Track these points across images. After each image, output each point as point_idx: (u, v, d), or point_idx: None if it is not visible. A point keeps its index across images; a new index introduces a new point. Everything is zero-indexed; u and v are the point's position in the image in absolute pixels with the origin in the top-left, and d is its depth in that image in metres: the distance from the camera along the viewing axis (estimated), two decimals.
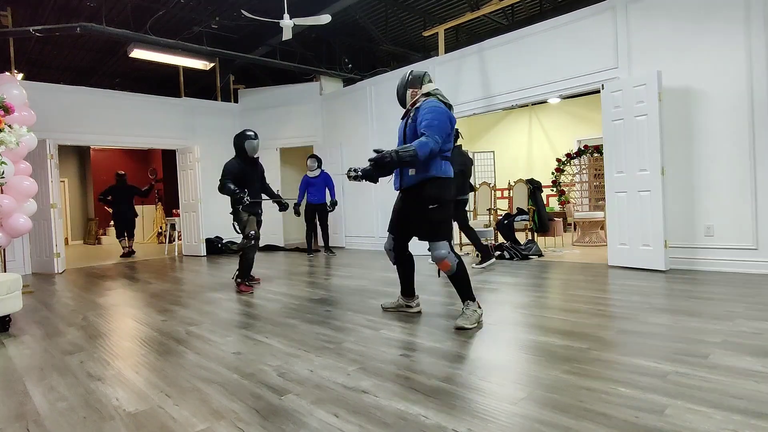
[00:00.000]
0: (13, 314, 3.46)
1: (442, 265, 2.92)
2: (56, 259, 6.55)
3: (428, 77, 3.07)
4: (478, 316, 2.92)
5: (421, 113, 2.88)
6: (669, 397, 1.78)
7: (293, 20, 5.50)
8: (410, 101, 3.05)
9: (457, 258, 2.93)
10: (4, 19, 6.57)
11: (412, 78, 3.05)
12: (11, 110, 4.21)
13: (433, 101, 2.91)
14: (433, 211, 2.90)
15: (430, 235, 2.93)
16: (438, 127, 2.80)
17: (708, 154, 4.49)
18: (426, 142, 2.74)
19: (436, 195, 2.90)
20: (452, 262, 2.90)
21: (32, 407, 1.98)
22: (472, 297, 2.97)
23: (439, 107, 2.87)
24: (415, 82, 3.04)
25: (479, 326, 2.90)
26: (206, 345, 2.76)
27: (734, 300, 3.26)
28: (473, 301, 2.97)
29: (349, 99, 8.37)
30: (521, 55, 5.89)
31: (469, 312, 2.91)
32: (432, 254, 2.94)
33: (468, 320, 2.87)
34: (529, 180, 7.06)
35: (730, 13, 4.30)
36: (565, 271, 4.92)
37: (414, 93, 3.04)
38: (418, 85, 3.03)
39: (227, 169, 4.46)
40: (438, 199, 2.90)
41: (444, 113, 2.87)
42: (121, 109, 7.83)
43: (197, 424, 1.75)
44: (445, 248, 2.91)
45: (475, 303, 2.98)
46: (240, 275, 4.50)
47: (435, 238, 2.92)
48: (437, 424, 1.66)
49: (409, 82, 3.05)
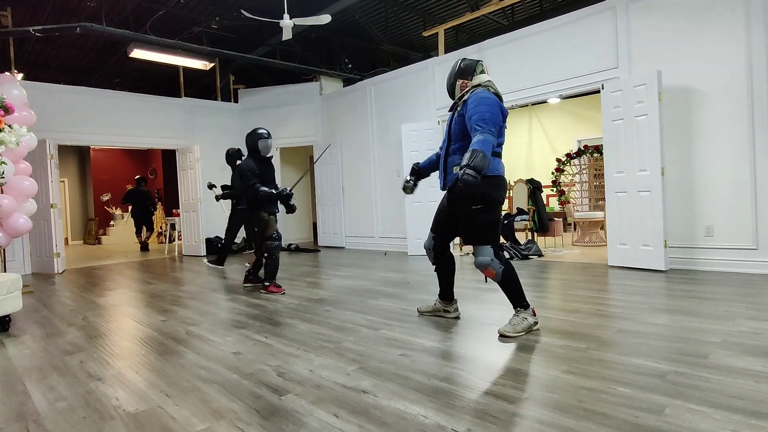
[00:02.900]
0: (13, 314, 3.46)
1: (487, 273, 2.70)
2: (56, 259, 6.55)
3: (481, 67, 2.80)
4: (527, 325, 2.66)
5: (470, 105, 2.64)
6: (668, 397, 1.78)
7: (293, 20, 5.50)
8: (459, 93, 2.81)
9: (503, 265, 2.70)
10: (4, 19, 6.56)
11: (465, 67, 2.79)
12: (11, 110, 4.21)
13: (483, 92, 2.67)
14: (478, 212, 2.66)
15: (474, 239, 2.70)
16: (491, 120, 2.57)
17: (708, 154, 4.49)
18: (484, 139, 2.50)
19: (481, 194, 2.63)
20: (497, 269, 2.67)
21: (32, 407, 1.98)
22: (523, 304, 2.71)
23: (489, 98, 2.63)
24: (466, 72, 2.78)
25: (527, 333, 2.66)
26: (206, 345, 2.76)
27: (734, 300, 3.26)
28: (526, 309, 2.71)
29: (349, 99, 8.37)
30: (521, 55, 5.89)
31: (517, 319, 2.67)
32: (475, 260, 2.73)
33: (513, 328, 2.64)
34: (529, 180, 7.06)
35: (730, 12, 4.30)
36: (564, 271, 4.92)
37: (464, 84, 2.79)
38: (469, 75, 2.78)
39: (247, 171, 4.27)
40: (484, 199, 2.65)
41: (495, 104, 2.63)
42: (121, 109, 7.83)
43: (197, 424, 1.75)
44: (489, 254, 2.66)
45: (528, 311, 2.70)
46: (268, 277, 4.36)
47: (478, 241, 2.68)
48: (437, 424, 1.66)
49: (459, 71, 2.80)
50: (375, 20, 7.99)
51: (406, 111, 7.32)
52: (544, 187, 7.75)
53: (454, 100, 2.85)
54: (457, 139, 2.76)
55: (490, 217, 2.69)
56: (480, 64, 2.80)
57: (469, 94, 2.71)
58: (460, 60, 2.85)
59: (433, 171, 3.15)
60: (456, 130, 2.76)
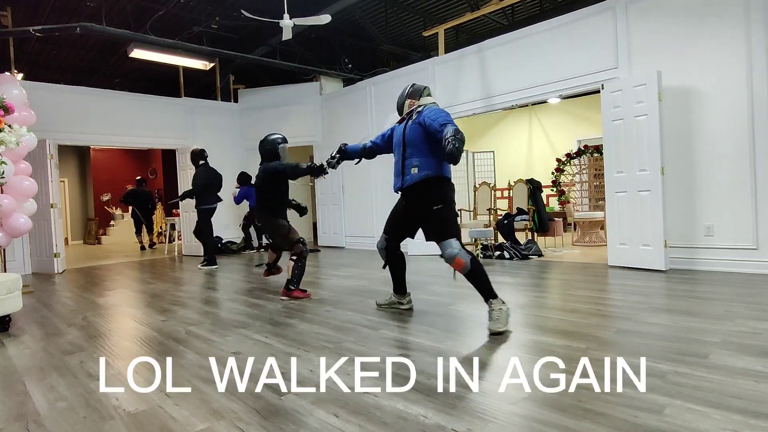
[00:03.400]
0: (13, 314, 3.45)
1: (455, 264, 2.83)
2: (56, 259, 6.54)
3: (428, 91, 3.21)
4: (506, 314, 2.80)
5: (431, 114, 2.92)
6: (668, 397, 1.78)
7: (293, 20, 5.50)
8: (407, 110, 3.19)
9: (470, 254, 2.85)
10: (4, 19, 6.56)
11: (413, 90, 3.21)
12: (11, 110, 4.21)
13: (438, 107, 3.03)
14: (439, 212, 2.92)
15: (440, 235, 2.91)
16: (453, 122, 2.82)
17: (708, 154, 4.49)
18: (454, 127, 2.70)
19: (439, 195, 2.93)
20: (465, 259, 2.81)
21: (32, 407, 1.98)
22: (493, 294, 2.84)
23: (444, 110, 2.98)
24: (414, 93, 3.19)
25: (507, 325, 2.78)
26: (206, 345, 2.76)
27: (734, 300, 3.26)
28: (495, 298, 2.83)
29: (349, 99, 8.37)
30: (521, 55, 5.89)
31: (496, 313, 2.78)
32: (443, 253, 2.89)
33: (499, 322, 2.74)
34: (529, 180, 7.06)
35: (730, 12, 4.30)
36: (564, 271, 4.92)
37: (411, 103, 3.17)
38: (417, 97, 3.17)
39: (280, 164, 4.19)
40: (442, 199, 2.93)
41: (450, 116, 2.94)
42: (121, 109, 7.83)
43: (197, 424, 1.75)
44: (456, 246, 2.84)
45: (499, 300, 2.84)
46: (294, 282, 4.09)
47: (444, 236, 2.89)
48: (437, 424, 1.66)
49: (410, 93, 3.21)
50: (375, 20, 7.99)
51: None
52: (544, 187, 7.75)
53: (402, 115, 3.24)
54: (413, 144, 3.03)
55: (450, 214, 2.97)
56: (427, 89, 3.22)
57: (423, 108, 3.05)
58: (410, 84, 3.29)
59: (357, 157, 3.57)
60: (413, 136, 3.03)
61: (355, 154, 3.56)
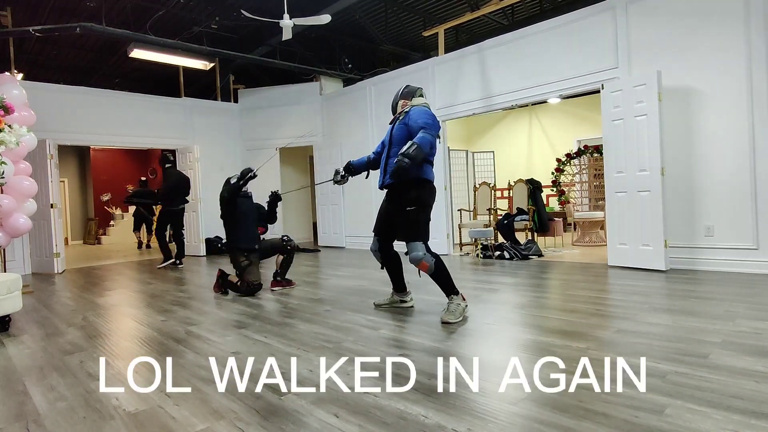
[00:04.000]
0: (13, 314, 3.45)
1: (421, 266, 3.02)
2: (56, 259, 6.54)
3: (420, 92, 3.30)
4: (462, 310, 3.04)
5: (414, 115, 3.06)
6: (668, 397, 1.78)
7: (293, 20, 5.50)
8: (400, 110, 3.27)
9: (434, 257, 3.03)
10: (4, 19, 6.56)
11: (406, 91, 3.30)
12: (11, 110, 4.21)
13: (426, 107, 3.14)
14: (411, 213, 3.02)
15: (408, 236, 3.04)
16: (433, 127, 2.98)
17: (708, 154, 4.49)
18: (424, 136, 2.89)
19: (415, 196, 3.03)
20: (429, 262, 3.00)
21: (32, 407, 1.98)
22: (455, 291, 3.08)
23: (431, 111, 3.11)
24: (407, 94, 3.28)
25: (464, 320, 3.02)
26: (206, 345, 2.76)
27: (734, 300, 3.26)
28: (457, 294, 3.08)
29: (349, 99, 8.37)
30: (521, 55, 5.89)
31: (453, 306, 3.03)
32: (409, 256, 3.05)
33: (452, 314, 2.99)
34: (529, 180, 7.06)
35: (730, 12, 4.30)
36: (564, 271, 4.92)
37: (404, 104, 3.26)
38: (409, 97, 3.27)
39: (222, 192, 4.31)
40: (417, 201, 3.03)
41: (435, 117, 3.08)
42: (121, 109, 7.83)
43: (197, 424, 1.75)
44: (422, 249, 3.00)
45: (459, 296, 3.09)
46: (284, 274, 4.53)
47: (412, 238, 3.02)
48: (437, 424, 1.66)
49: (403, 94, 3.30)
50: (375, 20, 7.99)
51: None
52: (544, 187, 7.75)
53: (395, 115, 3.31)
54: (397, 143, 3.13)
55: (422, 217, 3.05)
56: (420, 90, 3.31)
57: (411, 109, 3.15)
58: (404, 85, 3.37)
59: (364, 170, 3.58)
60: (398, 135, 3.14)
61: (362, 167, 3.59)
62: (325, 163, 8.63)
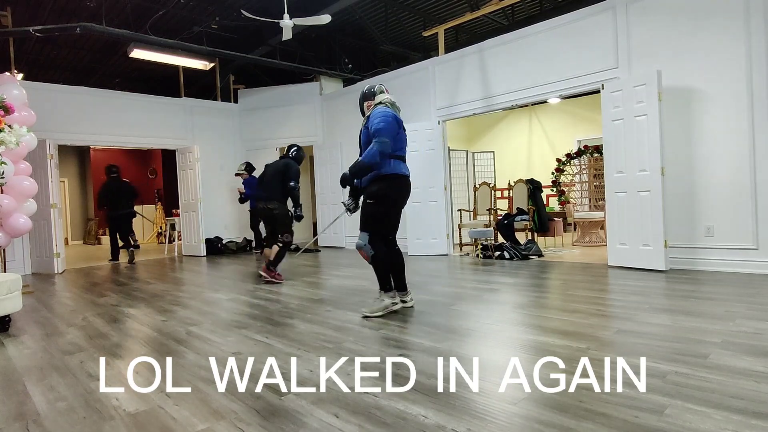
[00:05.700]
0: (13, 314, 3.45)
1: (360, 253, 3.25)
2: (56, 259, 6.55)
3: (381, 88, 3.41)
4: (384, 306, 3.24)
5: (371, 118, 3.21)
6: (668, 397, 1.78)
7: (293, 20, 5.50)
8: (367, 113, 3.38)
9: (375, 251, 3.21)
10: (4, 19, 6.56)
11: (367, 92, 3.42)
12: (11, 110, 4.20)
13: (380, 108, 3.24)
14: (367, 206, 3.24)
15: (361, 224, 3.27)
16: (385, 129, 3.11)
17: (708, 154, 4.49)
18: (371, 148, 3.09)
19: (375, 191, 3.21)
20: (368, 253, 3.21)
21: (32, 407, 1.98)
22: (386, 288, 3.29)
23: (385, 111, 3.19)
24: (368, 95, 3.40)
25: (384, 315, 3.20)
26: (206, 345, 2.76)
27: (734, 300, 3.26)
28: (387, 292, 3.28)
29: (349, 99, 8.37)
30: (521, 55, 5.89)
31: (376, 302, 3.28)
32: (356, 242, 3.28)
33: (370, 308, 3.24)
34: (529, 180, 7.06)
35: (730, 12, 4.30)
36: (564, 271, 4.92)
37: (369, 105, 3.38)
38: (371, 97, 3.38)
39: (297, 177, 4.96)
40: (375, 195, 3.20)
41: (390, 116, 3.17)
42: (121, 109, 7.83)
43: (197, 424, 1.75)
44: (364, 239, 3.20)
45: (388, 294, 3.28)
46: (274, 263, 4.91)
47: (360, 228, 3.26)
48: (437, 424, 1.66)
49: (363, 96, 3.43)
50: (375, 20, 7.99)
51: (406, 111, 7.28)
52: (544, 187, 7.74)
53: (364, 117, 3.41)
54: (364, 148, 3.27)
55: (376, 211, 3.21)
56: (380, 86, 3.42)
57: (372, 110, 3.29)
58: (365, 86, 3.48)
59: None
60: (365, 140, 3.27)
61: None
62: (326, 163, 8.63)
